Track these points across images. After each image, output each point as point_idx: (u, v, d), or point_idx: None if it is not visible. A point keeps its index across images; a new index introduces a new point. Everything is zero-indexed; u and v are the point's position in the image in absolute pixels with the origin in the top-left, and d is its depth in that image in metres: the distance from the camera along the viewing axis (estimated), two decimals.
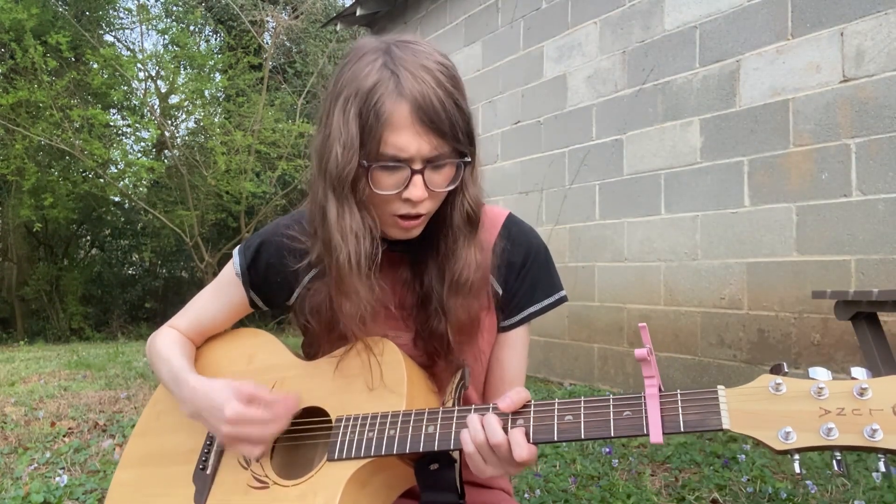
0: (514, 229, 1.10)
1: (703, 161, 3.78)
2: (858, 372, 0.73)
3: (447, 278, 1.00)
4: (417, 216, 0.95)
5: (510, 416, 0.87)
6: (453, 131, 0.91)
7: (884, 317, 2.70)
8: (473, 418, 0.87)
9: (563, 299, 1.12)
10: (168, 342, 1.14)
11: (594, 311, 4.46)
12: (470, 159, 0.95)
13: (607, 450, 2.77)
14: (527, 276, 1.09)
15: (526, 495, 2.32)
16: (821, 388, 0.73)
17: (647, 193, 4.09)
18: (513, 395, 0.87)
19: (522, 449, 0.83)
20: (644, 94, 4.12)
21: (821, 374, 0.75)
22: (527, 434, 0.85)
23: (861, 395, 0.71)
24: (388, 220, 0.96)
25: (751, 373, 3.50)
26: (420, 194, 0.91)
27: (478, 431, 0.86)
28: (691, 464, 2.66)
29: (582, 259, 4.55)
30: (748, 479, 2.40)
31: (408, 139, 0.89)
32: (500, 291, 1.08)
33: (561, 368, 4.70)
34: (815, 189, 3.28)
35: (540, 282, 1.10)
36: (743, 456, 2.65)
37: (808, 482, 2.32)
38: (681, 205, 3.90)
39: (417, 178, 0.91)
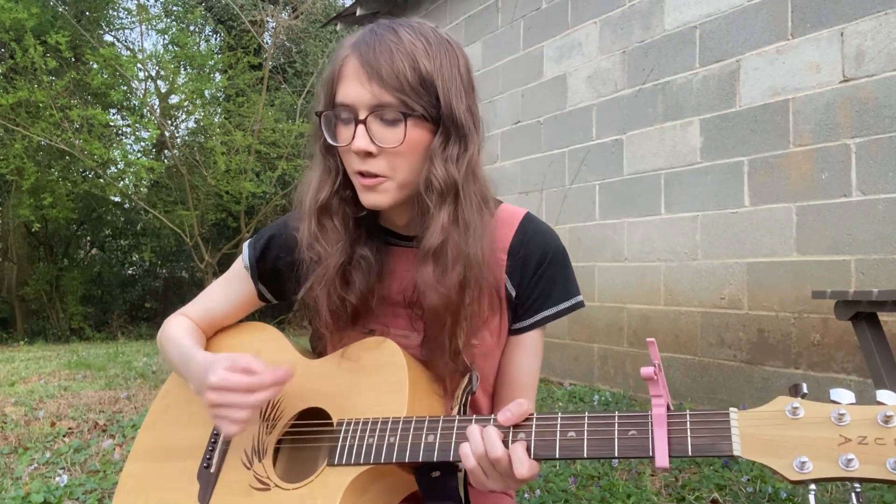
0: (530, 229, 1.08)
1: (703, 161, 3.78)
2: (885, 396, 0.67)
3: (421, 253, 0.96)
4: (372, 175, 0.94)
5: (511, 430, 0.84)
6: (396, 80, 0.90)
7: (884, 317, 2.70)
8: (474, 430, 0.85)
9: (579, 304, 1.08)
10: (179, 327, 1.15)
11: (594, 311, 4.46)
12: (419, 111, 0.91)
13: None
14: (542, 278, 1.05)
15: (526, 495, 2.32)
16: (842, 414, 0.67)
17: (647, 193, 4.09)
18: (513, 408, 0.84)
19: (524, 466, 0.81)
20: (644, 94, 4.12)
21: (844, 396, 0.69)
22: (528, 449, 0.82)
23: (886, 423, 0.65)
24: (355, 180, 0.98)
25: (751, 373, 3.51)
26: (362, 145, 0.91)
27: (478, 444, 0.84)
28: (691, 464, 2.66)
29: (582, 259, 4.55)
30: (748, 479, 2.40)
31: (350, 86, 0.93)
32: (514, 293, 1.05)
33: (561, 368, 4.70)
34: (815, 189, 3.27)
35: (556, 285, 1.06)
36: None
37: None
38: (681, 205, 3.90)
39: (360, 129, 0.92)
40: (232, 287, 1.18)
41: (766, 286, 3.47)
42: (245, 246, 1.16)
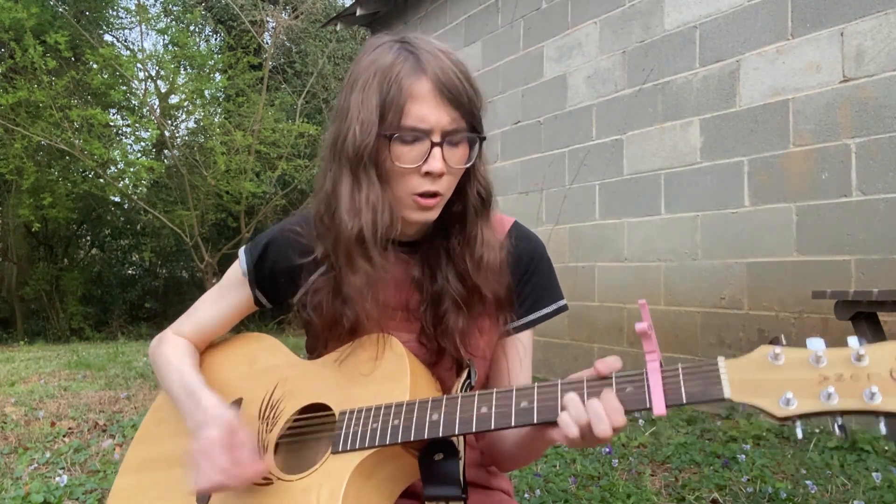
0: (518, 236, 1.11)
1: (703, 161, 3.78)
2: (853, 341, 0.75)
3: (470, 262, 1.01)
4: (436, 194, 0.96)
5: (560, 391, 0.85)
6: (470, 107, 0.95)
7: (884, 317, 2.70)
8: (576, 403, 0.84)
9: (563, 308, 1.13)
10: (176, 352, 1.14)
11: (594, 311, 4.46)
12: (481, 135, 0.99)
13: (607, 450, 2.77)
14: (529, 282, 1.09)
15: (526, 495, 2.32)
16: (819, 357, 0.75)
17: (647, 193, 4.09)
18: (609, 360, 0.85)
19: (620, 415, 0.81)
20: (644, 94, 4.12)
21: (817, 344, 0.76)
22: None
23: (859, 360, 0.73)
24: (407, 200, 0.96)
25: None
26: (440, 167, 0.93)
27: (581, 415, 0.83)
28: (691, 464, 2.66)
29: (582, 259, 4.55)
30: (748, 479, 2.40)
31: (429, 110, 0.92)
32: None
33: (561, 368, 4.70)
34: (815, 189, 3.27)
35: (543, 289, 1.11)
36: (743, 456, 2.65)
37: (808, 482, 2.32)
38: (681, 205, 3.90)
39: (437, 151, 0.93)
40: (227, 295, 1.17)
41: (766, 286, 3.47)
42: (241, 252, 1.16)
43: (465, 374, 1.03)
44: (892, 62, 3.02)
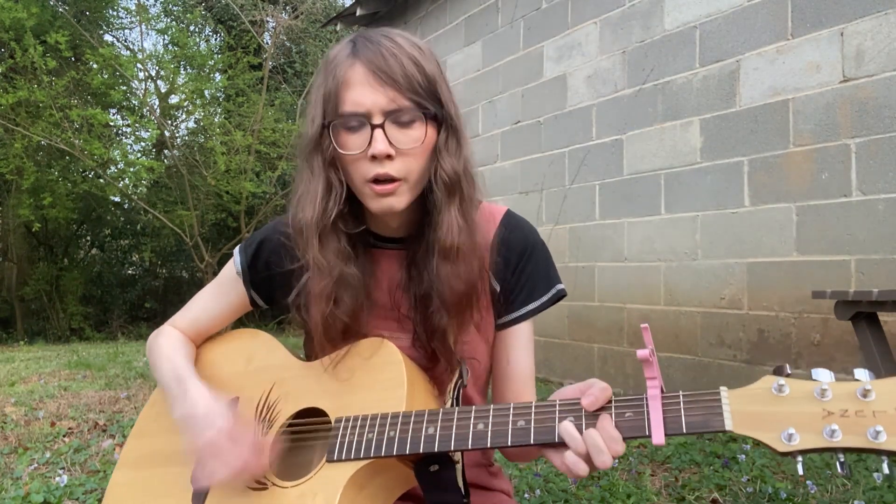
0: (511, 225, 1.09)
1: (703, 161, 3.78)
2: (861, 374, 0.72)
3: (435, 248, 0.98)
4: (390, 179, 0.94)
5: (557, 413, 0.84)
6: (410, 83, 0.93)
7: (884, 317, 2.70)
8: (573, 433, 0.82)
9: (561, 293, 1.10)
10: (171, 342, 1.14)
11: (594, 311, 4.45)
12: (432, 111, 0.95)
13: None
14: (524, 271, 1.07)
15: (526, 495, 2.32)
16: (824, 390, 0.72)
17: (647, 193, 4.09)
18: (596, 391, 0.82)
19: (619, 444, 0.80)
20: (644, 94, 4.12)
21: (823, 375, 0.74)
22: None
23: (864, 396, 0.70)
24: (365, 189, 0.96)
25: (751, 373, 3.51)
26: (382, 148, 0.92)
27: (580, 445, 0.81)
28: (691, 464, 2.66)
29: (582, 259, 4.55)
30: (748, 479, 2.40)
31: (362, 92, 0.92)
32: (498, 288, 1.07)
33: (561, 368, 4.70)
34: (815, 189, 3.27)
35: (539, 278, 1.08)
36: (743, 456, 2.65)
37: (808, 482, 2.32)
38: (681, 205, 3.90)
39: (378, 133, 0.92)
40: (222, 294, 1.17)
41: (766, 286, 3.47)
42: (236, 251, 1.15)
43: (455, 376, 1.02)
44: (892, 62, 3.01)
